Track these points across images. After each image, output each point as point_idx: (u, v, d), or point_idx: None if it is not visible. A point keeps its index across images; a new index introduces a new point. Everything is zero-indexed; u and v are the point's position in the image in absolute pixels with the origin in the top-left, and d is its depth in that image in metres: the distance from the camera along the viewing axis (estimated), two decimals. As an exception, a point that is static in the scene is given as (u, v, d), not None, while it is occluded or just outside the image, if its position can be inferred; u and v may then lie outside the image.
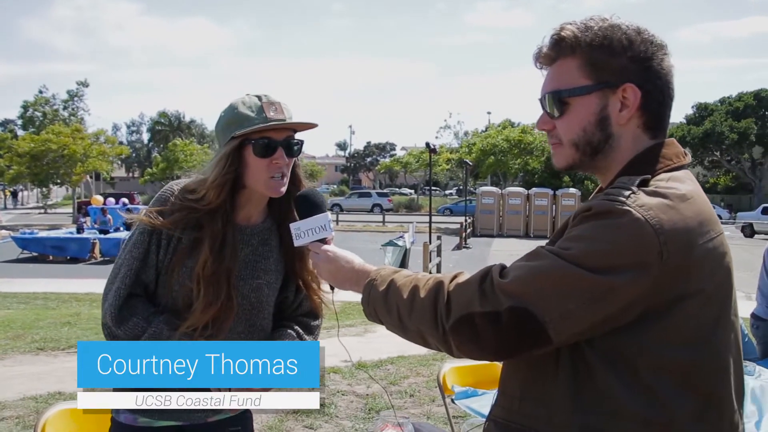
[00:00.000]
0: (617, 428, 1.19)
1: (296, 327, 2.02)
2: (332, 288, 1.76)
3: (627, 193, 1.17)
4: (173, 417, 1.89)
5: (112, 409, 1.95)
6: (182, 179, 1.90)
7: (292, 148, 1.81)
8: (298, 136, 1.86)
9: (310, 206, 1.63)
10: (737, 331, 1.29)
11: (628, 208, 1.14)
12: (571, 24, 1.30)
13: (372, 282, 1.41)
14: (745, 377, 3.36)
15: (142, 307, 1.80)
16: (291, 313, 2.06)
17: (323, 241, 1.59)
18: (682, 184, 1.23)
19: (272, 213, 1.96)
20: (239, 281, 1.86)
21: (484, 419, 1.45)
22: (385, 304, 1.36)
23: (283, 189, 1.83)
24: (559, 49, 1.30)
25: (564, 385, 1.23)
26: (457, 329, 1.22)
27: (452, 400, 3.12)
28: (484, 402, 2.87)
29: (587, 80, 1.27)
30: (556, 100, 1.30)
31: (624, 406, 1.18)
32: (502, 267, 1.26)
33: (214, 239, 1.78)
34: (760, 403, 3.14)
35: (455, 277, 1.30)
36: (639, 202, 1.15)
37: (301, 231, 1.60)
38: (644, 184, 1.20)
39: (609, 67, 1.26)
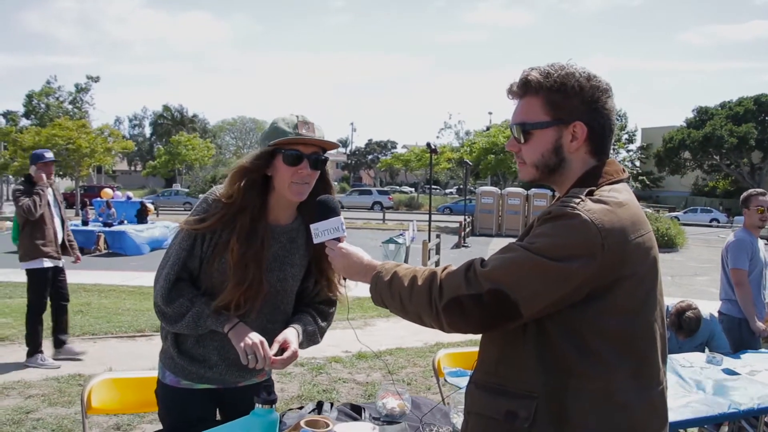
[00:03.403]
0: (571, 384, 1.52)
1: (313, 312, 2.36)
2: (344, 279, 2.12)
3: (577, 200, 1.51)
4: (210, 381, 2.26)
5: (159, 372, 2.30)
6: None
7: (318, 162, 2.15)
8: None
9: (327, 210, 1.96)
10: (662, 306, 1.65)
11: (578, 212, 1.48)
12: (535, 69, 1.64)
13: (378, 274, 1.75)
14: (712, 366, 3.74)
15: (188, 290, 2.15)
16: (310, 300, 2.40)
17: (338, 239, 1.93)
18: (620, 194, 1.57)
19: (301, 215, 2.29)
20: (268, 272, 2.20)
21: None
22: (389, 291, 1.70)
23: (304, 195, 2.16)
24: (526, 89, 1.65)
25: (530, 351, 1.56)
26: (448, 309, 1.56)
27: (445, 380, 3.49)
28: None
29: (546, 117, 1.62)
30: (522, 130, 1.66)
31: (576, 367, 1.52)
32: (482, 259, 1.60)
33: (242, 230, 2.12)
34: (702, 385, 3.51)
35: (445, 268, 1.65)
36: (586, 207, 1.49)
37: (319, 231, 1.93)
38: (591, 194, 1.54)
39: (563, 107, 1.61)
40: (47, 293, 6.31)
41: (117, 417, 4.61)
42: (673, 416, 3.07)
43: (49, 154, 6.27)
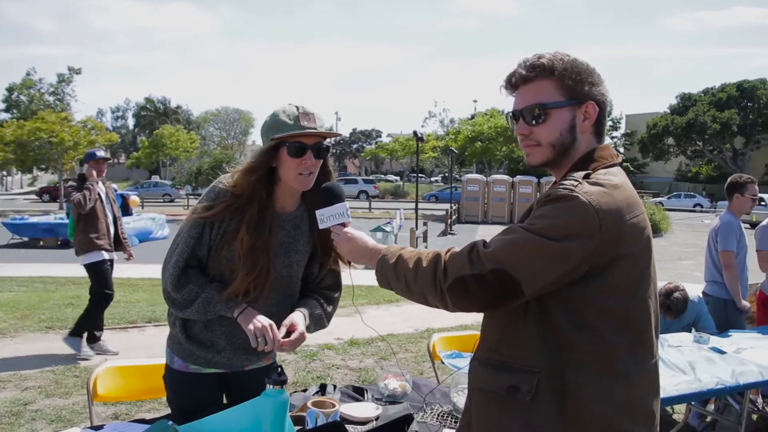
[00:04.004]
0: (572, 358, 1.59)
1: (319, 297, 2.42)
2: (349, 263, 2.17)
3: (575, 183, 1.57)
4: (218, 365, 2.31)
5: (167, 358, 2.36)
6: (230, 173, 2.27)
7: (320, 152, 2.20)
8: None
9: (332, 196, 2.01)
10: (656, 284, 1.73)
11: (576, 194, 1.54)
12: (543, 55, 1.71)
13: (384, 257, 1.81)
14: (699, 345, 3.85)
15: (197, 277, 2.20)
16: (315, 285, 2.45)
17: (343, 225, 1.98)
18: (615, 177, 1.64)
19: (305, 202, 2.35)
20: (274, 258, 2.25)
21: (465, 374, 1.84)
22: (395, 273, 1.76)
23: (310, 184, 2.21)
24: (538, 72, 1.70)
25: (532, 328, 1.63)
26: (452, 289, 1.62)
27: (441, 361, 3.57)
28: (466, 361, 3.32)
29: (562, 97, 1.68)
30: (541, 110, 1.70)
31: (576, 343, 1.58)
32: (485, 241, 1.66)
33: (251, 221, 2.17)
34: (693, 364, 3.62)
35: (449, 250, 1.71)
36: (584, 189, 1.56)
37: (325, 216, 1.99)
38: (587, 177, 1.61)
39: (577, 88, 1.68)
40: (111, 283, 6.49)
41: (115, 407, 4.65)
42: (662, 393, 3.17)
43: (101, 153, 6.55)
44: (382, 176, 66.87)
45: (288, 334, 2.19)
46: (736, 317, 4.89)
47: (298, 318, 2.25)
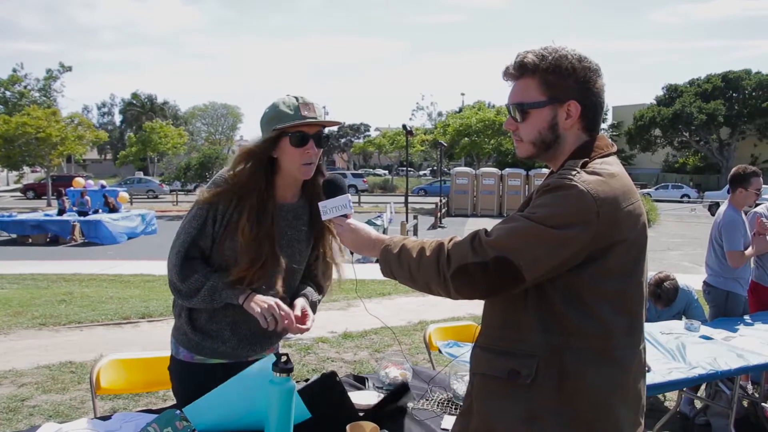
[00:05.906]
0: (571, 342, 1.63)
1: (312, 285, 2.48)
2: (351, 253, 2.21)
3: (573, 173, 1.62)
4: (223, 356, 2.35)
5: (172, 349, 2.39)
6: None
7: (321, 140, 2.24)
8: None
9: (334, 188, 2.04)
10: (647, 269, 1.78)
11: (575, 183, 1.59)
12: (530, 53, 1.74)
13: (387, 247, 1.85)
14: (690, 333, 3.92)
15: (201, 267, 2.24)
16: (308, 274, 2.50)
17: (345, 216, 2.02)
18: (611, 166, 1.69)
19: (305, 194, 2.39)
20: (277, 248, 2.29)
21: (463, 362, 1.88)
22: (398, 263, 1.80)
23: (311, 173, 2.26)
24: (522, 71, 1.75)
25: (532, 314, 1.67)
26: (455, 276, 1.67)
27: (439, 351, 3.63)
28: (463, 351, 3.39)
29: (542, 96, 1.73)
30: (519, 110, 1.76)
31: (576, 326, 1.63)
32: (486, 230, 1.71)
33: (251, 211, 2.21)
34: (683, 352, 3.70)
35: (451, 239, 1.75)
36: (582, 178, 1.60)
37: (328, 208, 2.02)
38: (584, 166, 1.66)
39: (558, 87, 1.71)
40: None
41: (113, 401, 4.68)
42: (656, 379, 3.24)
43: None
44: (371, 170, 66.88)
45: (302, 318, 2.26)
46: (735, 308, 4.89)
47: (306, 303, 2.32)
